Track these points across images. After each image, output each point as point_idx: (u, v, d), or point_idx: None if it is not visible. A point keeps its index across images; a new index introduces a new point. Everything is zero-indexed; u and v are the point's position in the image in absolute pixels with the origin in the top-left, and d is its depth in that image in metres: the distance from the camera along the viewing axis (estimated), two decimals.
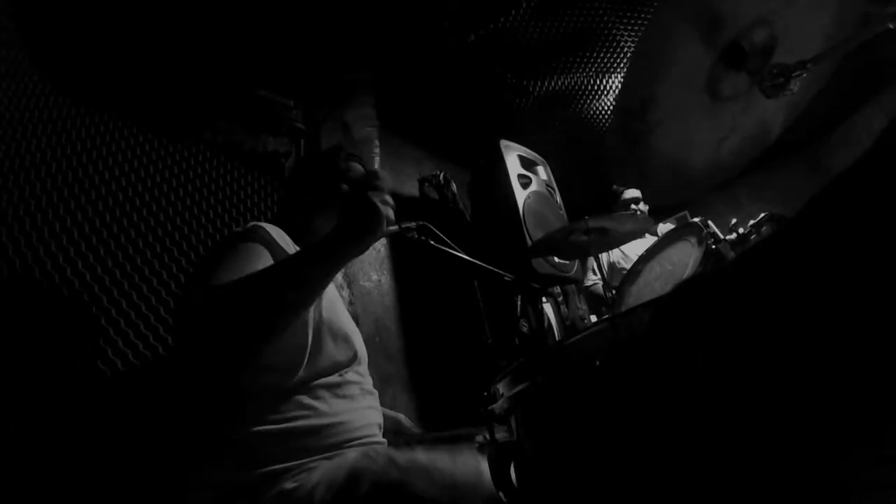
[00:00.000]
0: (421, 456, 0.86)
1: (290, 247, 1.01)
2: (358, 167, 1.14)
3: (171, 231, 1.38)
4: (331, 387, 0.94)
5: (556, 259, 2.19)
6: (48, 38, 1.32)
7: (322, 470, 0.84)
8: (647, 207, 2.69)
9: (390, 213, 0.80)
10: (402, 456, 0.87)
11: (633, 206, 2.63)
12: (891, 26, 0.80)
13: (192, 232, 1.43)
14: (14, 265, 1.07)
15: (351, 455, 0.88)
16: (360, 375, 1.05)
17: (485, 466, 0.81)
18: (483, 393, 0.79)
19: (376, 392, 1.08)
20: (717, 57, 0.97)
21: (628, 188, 2.69)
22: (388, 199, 0.81)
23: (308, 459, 0.85)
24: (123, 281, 1.23)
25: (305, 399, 0.90)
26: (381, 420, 1.05)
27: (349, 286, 1.89)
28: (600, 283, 2.62)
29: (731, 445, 0.35)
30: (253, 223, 1.00)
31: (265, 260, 0.91)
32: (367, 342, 1.20)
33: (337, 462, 0.86)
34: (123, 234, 1.28)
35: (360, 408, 0.98)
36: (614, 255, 2.69)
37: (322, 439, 0.88)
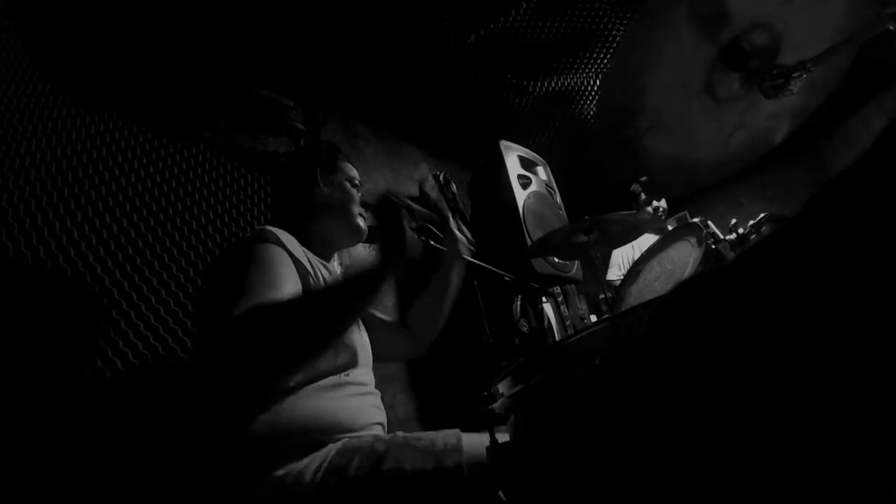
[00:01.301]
0: (402, 433, 0.93)
1: (299, 249, 1.01)
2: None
3: (171, 231, 1.38)
4: (330, 388, 0.95)
5: (556, 259, 2.19)
6: (48, 38, 1.32)
7: (310, 455, 0.86)
8: (666, 205, 2.69)
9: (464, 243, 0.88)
10: (386, 434, 0.94)
11: (654, 203, 2.63)
12: (891, 27, 0.80)
13: (191, 232, 1.43)
14: (13, 266, 1.07)
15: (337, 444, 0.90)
16: (363, 376, 1.05)
17: (467, 438, 0.88)
18: (483, 393, 0.80)
19: (378, 392, 1.09)
20: (715, 57, 0.97)
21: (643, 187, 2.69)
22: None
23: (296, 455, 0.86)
24: (123, 281, 1.23)
25: (304, 400, 0.90)
26: (384, 420, 1.05)
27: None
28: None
29: (729, 444, 0.35)
30: (260, 227, 1.00)
31: (286, 261, 0.92)
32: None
33: (323, 449, 0.88)
34: (123, 235, 1.28)
35: (360, 408, 0.98)
36: (636, 251, 2.68)
37: (321, 438, 0.89)
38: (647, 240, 2.44)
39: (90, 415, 1.05)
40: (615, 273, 2.72)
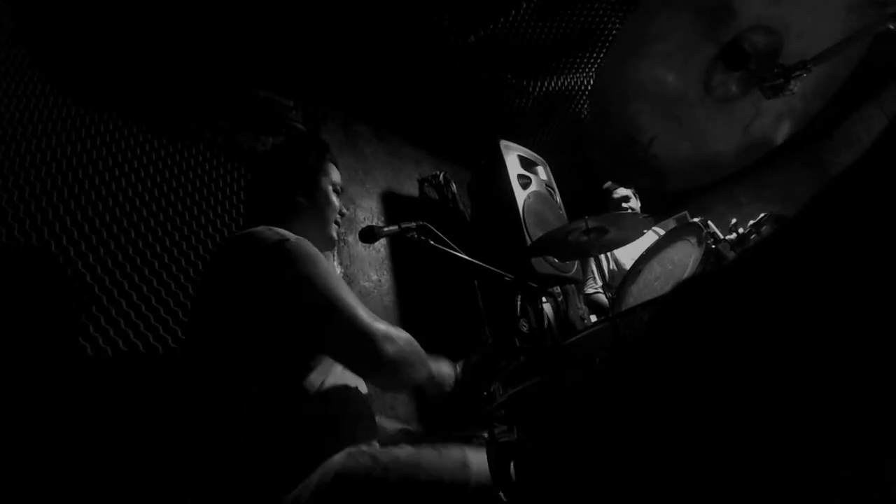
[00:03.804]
0: (405, 454, 0.86)
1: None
2: None
3: (171, 231, 1.38)
4: (324, 390, 0.94)
5: (556, 259, 2.19)
6: (48, 38, 1.32)
7: (312, 477, 0.83)
8: (640, 204, 2.68)
9: None
10: (387, 455, 0.86)
11: (623, 205, 2.62)
12: (891, 26, 0.80)
13: (191, 232, 1.43)
14: (13, 266, 1.07)
15: (336, 459, 0.87)
16: (353, 378, 1.05)
17: (471, 458, 0.83)
18: (483, 393, 0.80)
19: (366, 391, 1.08)
20: (714, 59, 0.97)
21: (618, 186, 2.67)
22: None
23: (303, 465, 0.84)
24: (123, 281, 1.23)
25: (300, 403, 0.90)
26: (373, 421, 1.05)
27: (349, 286, 1.89)
28: (601, 291, 2.62)
29: (729, 445, 0.35)
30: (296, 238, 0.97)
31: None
32: None
33: (323, 468, 0.85)
34: (123, 235, 1.28)
35: (349, 413, 0.98)
36: (613, 261, 2.67)
37: (316, 440, 0.88)
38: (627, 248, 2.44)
39: (90, 414, 1.05)
40: (592, 286, 2.69)
